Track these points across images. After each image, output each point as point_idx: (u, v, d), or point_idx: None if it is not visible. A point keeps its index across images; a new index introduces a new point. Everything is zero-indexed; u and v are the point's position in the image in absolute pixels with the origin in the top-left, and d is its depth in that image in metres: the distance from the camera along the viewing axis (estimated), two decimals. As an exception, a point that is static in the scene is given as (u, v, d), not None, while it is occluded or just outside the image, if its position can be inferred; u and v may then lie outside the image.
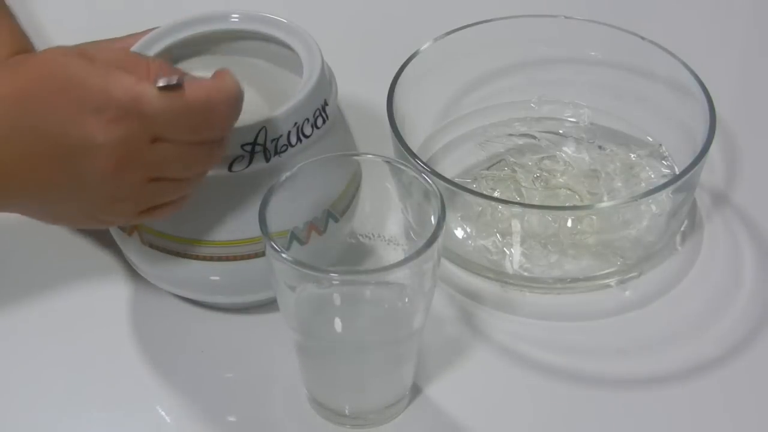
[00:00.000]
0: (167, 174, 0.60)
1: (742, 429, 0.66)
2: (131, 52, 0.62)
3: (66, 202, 0.61)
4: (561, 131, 0.82)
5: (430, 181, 0.61)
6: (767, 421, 0.66)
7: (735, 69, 0.93)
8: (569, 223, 0.73)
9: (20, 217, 0.62)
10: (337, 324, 0.61)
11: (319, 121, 0.65)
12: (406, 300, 0.61)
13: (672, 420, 0.66)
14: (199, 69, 0.69)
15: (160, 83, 0.56)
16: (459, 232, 0.74)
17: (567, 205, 0.76)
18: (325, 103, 0.66)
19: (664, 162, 0.79)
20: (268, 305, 0.69)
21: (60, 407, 0.67)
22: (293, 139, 0.64)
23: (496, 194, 0.76)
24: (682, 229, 0.76)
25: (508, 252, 0.73)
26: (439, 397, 0.67)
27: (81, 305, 0.72)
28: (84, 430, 0.66)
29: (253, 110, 0.64)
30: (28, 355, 0.70)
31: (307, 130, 0.65)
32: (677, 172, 0.74)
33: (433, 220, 0.60)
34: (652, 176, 0.77)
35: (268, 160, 0.63)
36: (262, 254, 0.60)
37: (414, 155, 0.71)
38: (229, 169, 0.63)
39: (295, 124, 0.64)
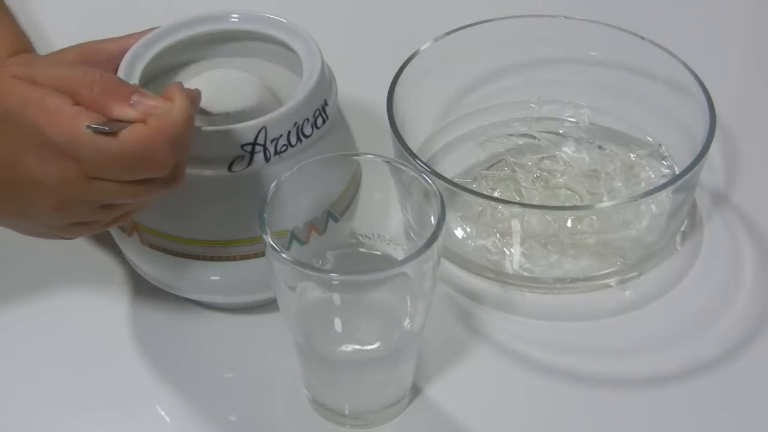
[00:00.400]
0: (116, 202, 0.59)
1: (742, 429, 0.66)
2: (76, 72, 0.58)
3: (25, 225, 0.62)
4: (561, 131, 0.82)
5: (430, 181, 0.61)
6: (767, 421, 0.66)
7: (735, 69, 0.93)
8: (569, 223, 0.73)
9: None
10: (337, 324, 0.61)
11: (319, 121, 0.65)
12: (406, 300, 0.61)
13: (672, 420, 0.66)
14: (197, 72, 0.69)
15: (91, 125, 0.55)
16: (459, 232, 0.74)
17: (567, 205, 0.76)
18: (325, 103, 0.66)
19: (664, 162, 0.78)
20: (268, 305, 0.69)
21: (60, 407, 0.67)
22: (293, 139, 0.64)
23: (496, 194, 0.76)
24: (682, 229, 0.76)
25: (508, 252, 0.73)
26: (439, 397, 0.67)
27: (81, 305, 0.72)
28: (84, 430, 0.66)
29: (253, 110, 0.64)
30: (28, 355, 0.70)
31: (307, 130, 0.65)
32: (677, 172, 0.74)
33: (433, 220, 0.60)
34: (652, 176, 0.77)
35: (268, 160, 0.63)
36: (262, 254, 0.60)
37: (414, 155, 0.71)
38: (229, 169, 0.63)
39: (295, 124, 0.64)
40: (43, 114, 0.55)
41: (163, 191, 0.58)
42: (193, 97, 0.60)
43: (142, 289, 0.72)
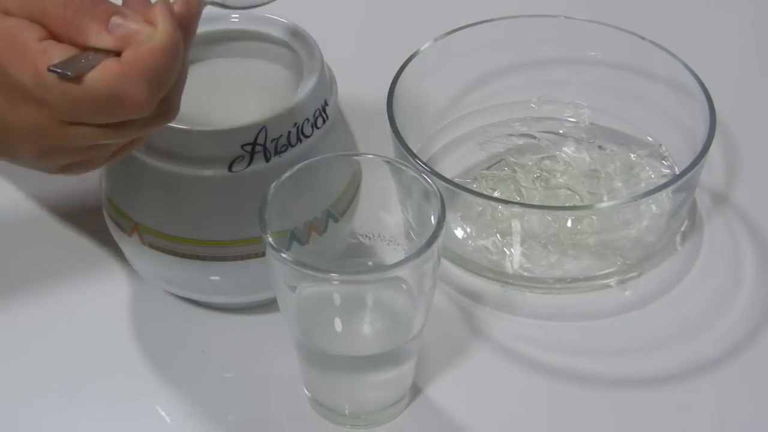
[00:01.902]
0: (105, 142, 0.53)
1: (742, 429, 0.66)
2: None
3: (22, 165, 0.56)
4: (561, 131, 0.82)
5: (430, 181, 0.61)
6: (767, 421, 0.66)
7: (735, 69, 0.93)
8: (569, 223, 0.73)
9: (21, 217, 0.62)
10: (337, 324, 0.61)
11: (319, 121, 0.65)
12: (406, 300, 0.61)
13: (672, 420, 0.66)
14: (198, 72, 0.69)
15: (52, 67, 0.48)
16: (459, 232, 0.74)
17: (567, 205, 0.76)
18: (325, 103, 0.66)
19: (664, 162, 0.79)
20: (268, 305, 0.69)
21: (60, 407, 0.67)
22: (293, 139, 0.64)
23: (496, 194, 0.76)
24: (682, 229, 0.76)
25: (508, 252, 0.73)
26: (439, 397, 0.67)
27: (81, 305, 0.72)
28: (84, 430, 0.66)
29: (253, 110, 0.64)
30: (28, 355, 0.70)
31: (307, 130, 0.65)
32: (677, 172, 0.74)
33: (433, 220, 0.60)
34: (652, 176, 0.77)
35: (268, 160, 0.63)
36: (262, 254, 0.60)
37: (414, 155, 0.71)
38: (229, 169, 0.63)
39: (295, 124, 0.64)
40: (9, 52, 0.49)
41: (154, 127, 0.53)
42: (185, 17, 0.53)
43: (142, 289, 0.72)
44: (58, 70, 0.48)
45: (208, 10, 0.69)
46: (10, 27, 0.50)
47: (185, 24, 0.53)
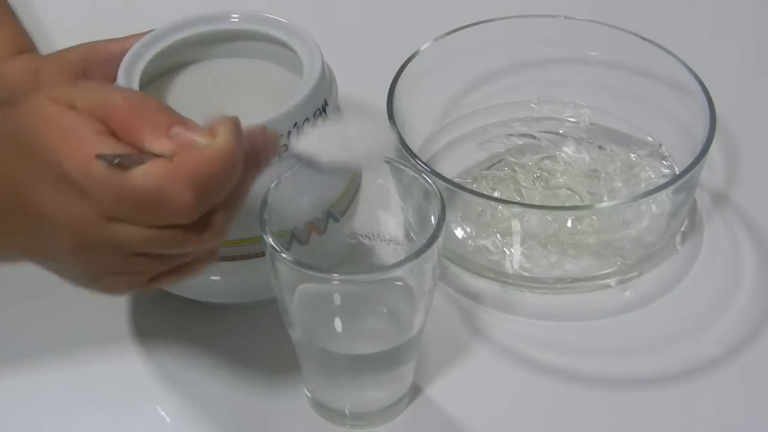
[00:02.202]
0: (146, 251, 0.52)
1: (742, 429, 0.66)
2: (116, 96, 0.52)
3: (57, 268, 0.55)
4: (561, 131, 0.82)
5: (430, 181, 0.61)
6: (767, 421, 0.66)
7: (735, 69, 0.93)
8: (569, 223, 0.73)
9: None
10: (337, 324, 0.61)
11: (320, 121, 0.65)
12: (406, 300, 0.61)
13: (672, 420, 0.66)
14: (198, 72, 0.69)
15: (101, 154, 0.49)
16: (459, 232, 0.74)
17: (567, 205, 0.76)
18: (325, 103, 0.66)
19: (664, 162, 0.79)
20: (268, 305, 0.69)
21: (60, 407, 0.67)
22: (293, 139, 0.64)
23: (496, 194, 0.76)
24: (682, 229, 0.76)
25: (508, 252, 0.73)
26: (439, 397, 0.67)
27: (81, 305, 0.72)
28: (84, 430, 0.66)
29: (253, 110, 0.64)
30: (28, 355, 0.70)
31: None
32: (677, 172, 0.74)
33: (433, 220, 0.60)
34: (652, 176, 0.77)
35: (268, 160, 0.63)
36: (262, 254, 0.60)
37: (414, 155, 0.71)
38: (229, 169, 0.63)
39: (295, 124, 0.64)
40: (64, 141, 0.49)
41: (194, 245, 0.52)
42: (257, 144, 0.53)
43: (142, 289, 0.72)
44: (106, 155, 0.48)
45: (208, 10, 0.70)
46: (72, 118, 0.50)
47: (254, 151, 0.53)
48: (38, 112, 0.51)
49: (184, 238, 0.51)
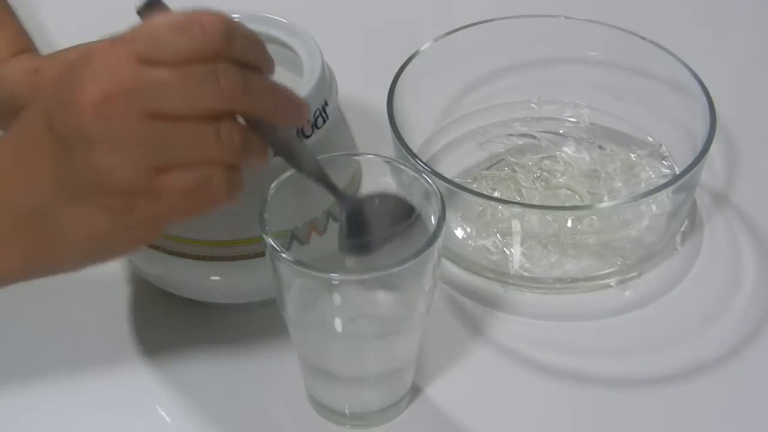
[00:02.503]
0: (177, 104, 0.50)
1: (742, 429, 0.66)
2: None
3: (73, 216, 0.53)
4: (561, 131, 0.82)
5: (430, 181, 0.61)
6: (767, 421, 0.66)
7: (735, 69, 0.93)
8: (569, 223, 0.73)
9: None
10: (337, 324, 0.61)
11: (319, 121, 0.65)
12: (407, 300, 0.61)
13: (672, 420, 0.66)
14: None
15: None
16: (459, 232, 0.74)
17: (567, 205, 0.76)
18: (325, 103, 0.66)
19: (664, 162, 0.79)
20: (268, 305, 0.69)
21: (60, 407, 0.67)
22: (293, 139, 0.64)
23: (496, 194, 0.76)
24: (682, 229, 0.76)
25: (508, 252, 0.73)
26: (439, 397, 0.67)
27: (81, 305, 0.72)
28: (84, 430, 0.66)
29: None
30: (28, 356, 0.70)
31: (307, 130, 0.65)
32: (677, 172, 0.74)
33: (433, 220, 0.60)
34: (652, 176, 0.77)
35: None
36: (262, 254, 0.60)
37: (414, 155, 0.71)
38: (229, 169, 0.63)
39: (295, 124, 0.64)
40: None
41: (226, 98, 0.51)
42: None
43: (142, 289, 0.72)
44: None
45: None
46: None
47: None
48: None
49: (218, 88, 0.50)
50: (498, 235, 0.73)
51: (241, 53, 0.52)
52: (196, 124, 0.51)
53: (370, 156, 0.65)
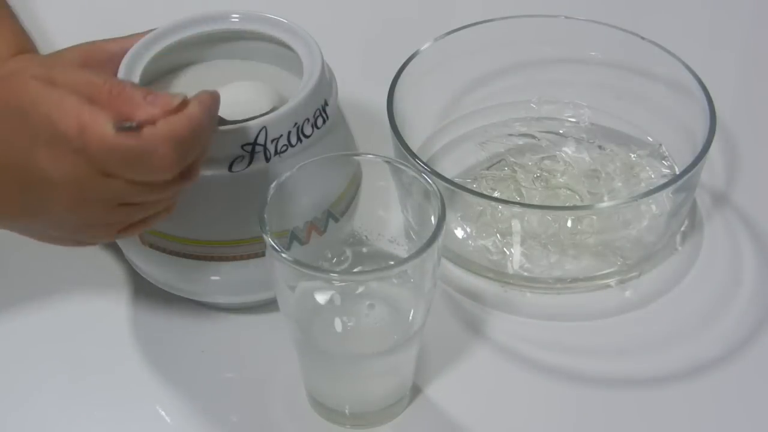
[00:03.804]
0: (133, 201, 0.58)
1: (742, 429, 0.66)
2: (96, 77, 0.58)
3: (39, 228, 0.61)
4: (561, 131, 0.82)
5: (430, 181, 0.61)
6: (767, 421, 0.66)
7: (735, 69, 0.93)
8: (569, 223, 0.73)
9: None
10: (337, 324, 0.61)
11: (319, 121, 0.65)
12: (407, 300, 0.61)
13: (672, 420, 0.66)
14: (197, 72, 0.69)
15: (117, 123, 0.55)
16: (459, 232, 0.74)
17: (567, 205, 0.76)
18: (325, 103, 0.66)
19: (664, 162, 0.79)
20: (268, 305, 0.69)
21: (60, 407, 0.67)
22: (293, 139, 0.64)
23: (496, 194, 0.76)
24: (682, 229, 0.76)
25: (508, 252, 0.73)
26: (439, 397, 0.67)
27: (81, 305, 0.72)
28: (84, 430, 0.66)
29: (253, 110, 0.64)
30: (28, 356, 0.70)
31: (307, 130, 0.65)
32: (677, 172, 0.74)
33: (433, 220, 0.60)
34: (652, 176, 0.77)
35: (268, 160, 0.63)
36: (262, 254, 0.60)
37: (414, 155, 0.71)
38: (229, 169, 0.63)
39: (295, 124, 0.64)
40: (59, 108, 0.55)
41: (175, 187, 0.58)
42: (205, 100, 0.58)
43: (142, 289, 0.72)
44: (126, 125, 0.54)
45: (209, 10, 0.70)
46: (60, 92, 0.56)
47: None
48: (24, 89, 0.56)
49: (170, 187, 0.57)
50: (498, 235, 0.73)
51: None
52: (149, 192, 0.58)
53: (370, 156, 0.65)
